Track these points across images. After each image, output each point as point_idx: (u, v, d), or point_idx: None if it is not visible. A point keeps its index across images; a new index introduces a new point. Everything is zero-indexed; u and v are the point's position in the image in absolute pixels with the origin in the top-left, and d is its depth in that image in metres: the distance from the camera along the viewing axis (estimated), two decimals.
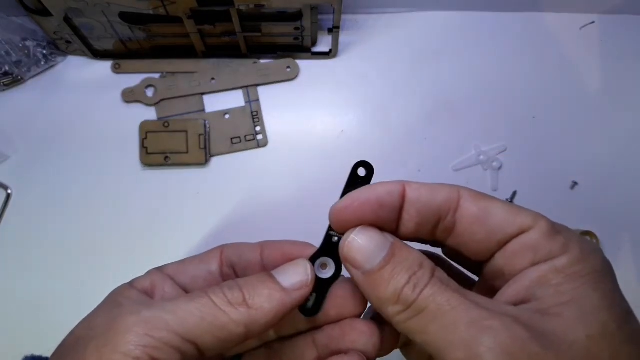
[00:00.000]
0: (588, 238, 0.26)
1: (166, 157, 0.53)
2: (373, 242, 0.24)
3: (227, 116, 0.55)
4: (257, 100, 0.55)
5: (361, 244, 0.24)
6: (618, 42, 0.58)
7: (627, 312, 0.22)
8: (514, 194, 0.53)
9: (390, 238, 0.24)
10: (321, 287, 0.27)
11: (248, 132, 0.54)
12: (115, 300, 0.26)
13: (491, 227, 0.24)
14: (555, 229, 0.23)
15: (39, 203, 0.52)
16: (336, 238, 0.27)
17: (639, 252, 0.51)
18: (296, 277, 0.26)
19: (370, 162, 0.27)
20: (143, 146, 0.53)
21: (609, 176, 0.54)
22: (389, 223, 0.25)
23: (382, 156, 0.54)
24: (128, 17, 0.50)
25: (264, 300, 0.24)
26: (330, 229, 0.27)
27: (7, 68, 0.53)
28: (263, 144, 0.54)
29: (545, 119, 0.56)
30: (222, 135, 0.54)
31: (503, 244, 0.24)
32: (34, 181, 0.53)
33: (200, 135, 0.53)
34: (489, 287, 0.25)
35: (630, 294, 0.23)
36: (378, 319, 0.28)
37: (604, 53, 0.58)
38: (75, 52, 0.55)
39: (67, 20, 0.50)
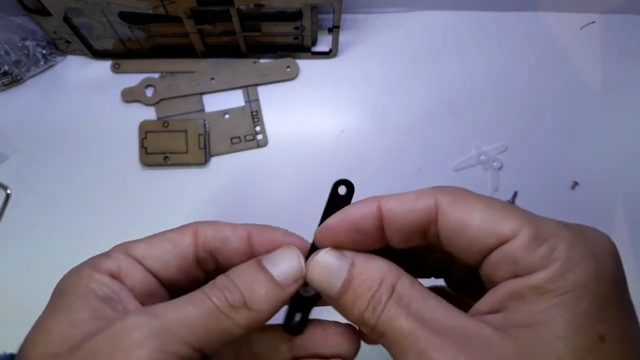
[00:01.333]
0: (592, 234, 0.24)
1: (166, 157, 0.53)
2: (331, 266, 0.24)
3: (226, 116, 0.55)
4: (257, 100, 0.55)
5: (321, 269, 0.24)
6: (619, 41, 0.58)
7: (600, 337, 0.20)
8: (515, 194, 0.53)
9: (349, 257, 0.24)
10: (305, 306, 0.27)
11: (248, 132, 0.54)
12: (89, 290, 0.24)
13: (470, 238, 0.22)
14: (540, 238, 0.21)
15: (38, 203, 0.52)
16: None
17: None
18: (290, 269, 0.25)
19: (351, 181, 0.26)
20: (142, 146, 0.53)
21: (610, 176, 0.54)
22: (373, 242, 0.25)
23: (382, 156, 0.54)
24: (127, 17, 0.50)
25: (262, 301, 0.24)
26: (313, 246, 0.26)
27: (6, 68, 0.53)
28: (263, 143, 0.54)
29: (546, 119, 0.55)
30: (222, 135, 0.54)
31: (484, 255, 0.22)
32: (33, 181, 0.53)
33: (199, 135, 0.53)
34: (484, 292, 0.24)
35: (631, 294, 0.23)
36: None
37: (604, 53, 0.58)
38: (74, 52, 0.55)
39: (66, 20, 0.50)
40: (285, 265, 0.25)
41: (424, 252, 0.27)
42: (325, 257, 0.24)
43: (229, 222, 0.28)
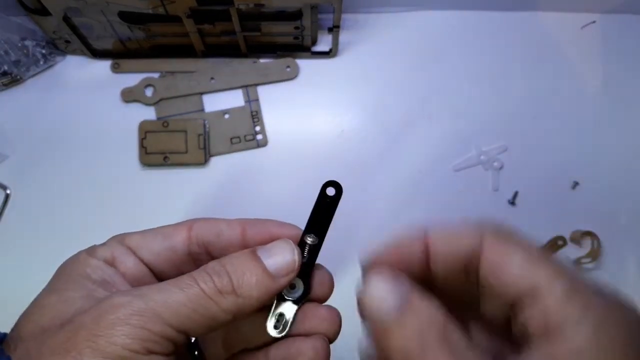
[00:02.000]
0: (614, 293, 0.23)
1: (165, 157, 0.53)
2: (388, 294, 0.23)
3: (226, 116, 0.55)
4: (257, 99, 0.55)
5: (375, 295, 0.23)
6: (619, 41, 0.58)
7: None
8: (516, 194, 0.53)
9: (406, 285, 0.23)
10: (289, 307, 0.27)
11: (248, 132, 0.54)
12: (84, 273, 0.25)
13: (506, 281, 0.22)
14: (574, 291, 0.21)
15: (38, 203, 0.52)
16: (307, 254, 0.27)
17: None
18: (283, 261, 0.25)
19: (339, 182, 0.27)
20: (142, 146, 0.53)
21: (610, 176, 0.54)
22: (415, 274, 0.24)
23: (381, 156, 0.54)
24: (127, 17, 0.49)
25: (252, 288, 0.24)
26: (302, 240, 0.26)
27: (6, 68, 0.53)
28: (263, 143, 0.54)
29: (546, 119, 0.55)
30: (222, 135, 0.54)
31: (518, 299, 0.22)
32: (33, 181, 0.53)
33: (199, 135, 0.53)
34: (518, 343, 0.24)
35: (631, 294, 0.23)
36: None
37: (605, 52, 0.57)
38: (74, 52, 0.55)
39: (66, 19, 0.49)
40: (279, 258, 0.25)
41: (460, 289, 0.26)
42: (385, 282, 0.23)
43: (224, 218, 0.28)
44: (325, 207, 0.26)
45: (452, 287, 0.25)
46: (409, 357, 0.21)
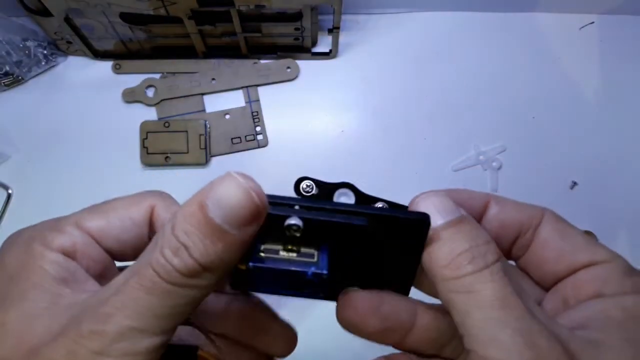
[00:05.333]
0: None
1: (167, 157, 0.53)
2: (445, 203, 0.22)
3: (227, 116, 0.55)
4: (258, 100, 0.55)
5: (432, 200, 0.22)
6: (617, 42, 0.58)
7: None
8: None
9: (462, 210, 0.22)
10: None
11: (248, 132, 0.54)
12: (42, 272, 0.21)
13: (565, 251, 0.23)
14: (633, 271, 0.22)
15: (39, 203, 0.52)
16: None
17: (639, 252, 0.52)
18: (230, 204, 0.19)
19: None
20: (143, 146, 0.53)
21: (609, 176, 0.54)
22: None
23: (381, 156, 0.54)
24: (128, 18, 0.50)
25: (220, 256, 0.19)
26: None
27: (7, 68, 0.53)
28: (263, 144, 0.54)
29: (544, 119, 0.56)
30: (223, 135, 0.54)
31: (572, 270, 0.23)
32: (34, 181, 0.53)
33: (200, 135, 0.53)
34: (547, 311, 0.24)
35: None
36: None
37: (603, 53, 0.58)
38: (75, 53, 0.55)
39: (67, 20, 0.50)
40: (231, 202, 0.19)
41: None
42: (443, 196, 0.22)
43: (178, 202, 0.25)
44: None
45: None
46: (453, 263, 0.21)
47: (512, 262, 0.26)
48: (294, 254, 0.21)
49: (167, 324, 0.19)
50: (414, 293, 0.25)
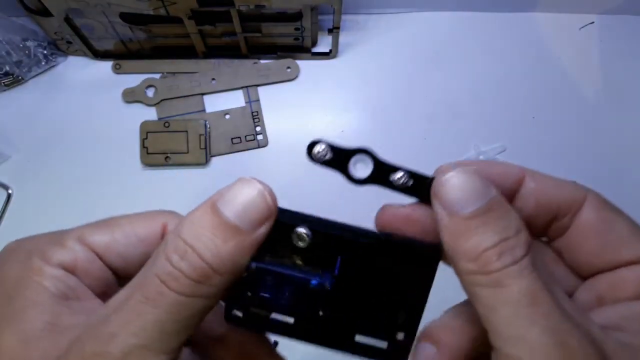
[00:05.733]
0: None
1: (167, 157, 0.53)
2: (473, 187, 0.20)
3: (227, 116, 0.55)
4: (258, 100, 0.55)
5: (459, 183, 0.20)
6: (617, 42, 0.58)
7: None
8: None
9: (493, 191, 0.20)
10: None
11: (248, 132, 0.54)
12: (41, 288, 0.20)
13: (608, 243, 0.21)
14: None
15: (39, 203, 0.52)
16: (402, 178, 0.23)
17: None
18: (246, 203, 0.20)
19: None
20: (143, 146, 0.53)
21: (609, 176, 0.54)
22: None
23: (381, 156, 0.54)
24: (128, 18, 0.50)
25: (231, 258, 0.19)
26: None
27: (7, 68, 0.53)
28: (263, 144, 0.54)
29: (544, 119, 0.56)
30: (223, 135, 0.54)
31: (614, 266, 0.21)
32: (34, 181, 0.53)
33: (200, 135, 0.53)
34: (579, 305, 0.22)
35: None
36: None
37: (603, 53, 0.58)
38: (75, 53, 0.55)
39: (67, 20, 0.50)
40: (245, 201, 0.20)
41: None
42: (471, 175, 0.20)
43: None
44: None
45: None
46: (482, 257, 0.19)
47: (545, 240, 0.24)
48: (300, 263, 0.21)
49: (174, 341, 0.18)
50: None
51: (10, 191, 0.52)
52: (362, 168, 0.23)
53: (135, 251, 0.22)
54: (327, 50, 0.56)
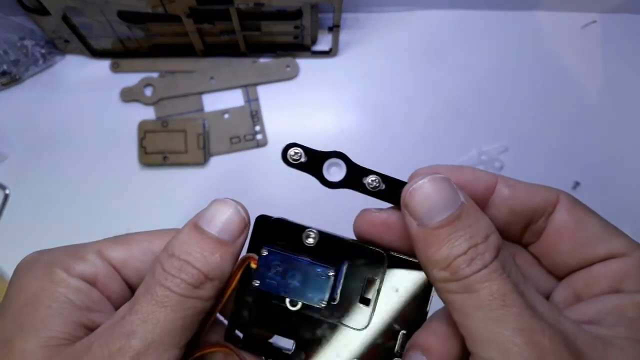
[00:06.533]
0: None
1: (165, 157, 0.52)
2: (441, 196, 0.21)
3: (226, 115, 0.54)
4: (257, 99, 0.55)
5: (427, 192, 0.21)
6: (620, 41, 0.58)
7: None
8: None
9: (462, 197, 0.21)
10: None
11: (247, 132, 0.54)
12: (64, 299, 0.21)
13: (581, 242, 0.22)
14: None
15: (37, 203, 0.52)
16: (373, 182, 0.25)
17: None
18: (229, 221, 0.23)
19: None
20: (141, 146, 0.52)
21: (611, 176, 0.54)
22: None
23: (381, 156, 0.54)
24: (126, 16, 0.49)
25: (220, 267, 0.22)
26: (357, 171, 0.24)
27: (5, 67, 0.53)
28: (262, 143, 0.54)
29: (547, 119, 0.55)
30: (221, 134, 0.54)
31: (588, 263, 0.22)
32: (32, 181, 0.52)
33: (199, 134, 0.53)
34: (556, 303, 0.23)
35: None
36: None
37: (605, 52, 0.57)
38: (73, 51, 0.55)
39: (65, 19, 0.49)
40: (224, 218, 0.23)
41: None
42: (440, 183, 0.21)
43: None
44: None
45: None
46: (452, 265, 0.20)
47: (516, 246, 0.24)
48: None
49: (180, 337, 0.21)
50: None
51: (7, 191, 0.52)
52: (336, 172, 0.25)
53: (149, 263, 0.24)
54: (327, 48, 0.56)
